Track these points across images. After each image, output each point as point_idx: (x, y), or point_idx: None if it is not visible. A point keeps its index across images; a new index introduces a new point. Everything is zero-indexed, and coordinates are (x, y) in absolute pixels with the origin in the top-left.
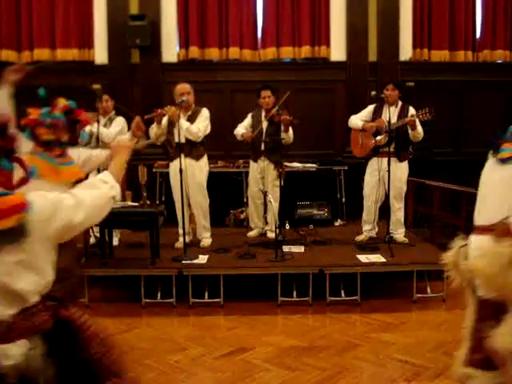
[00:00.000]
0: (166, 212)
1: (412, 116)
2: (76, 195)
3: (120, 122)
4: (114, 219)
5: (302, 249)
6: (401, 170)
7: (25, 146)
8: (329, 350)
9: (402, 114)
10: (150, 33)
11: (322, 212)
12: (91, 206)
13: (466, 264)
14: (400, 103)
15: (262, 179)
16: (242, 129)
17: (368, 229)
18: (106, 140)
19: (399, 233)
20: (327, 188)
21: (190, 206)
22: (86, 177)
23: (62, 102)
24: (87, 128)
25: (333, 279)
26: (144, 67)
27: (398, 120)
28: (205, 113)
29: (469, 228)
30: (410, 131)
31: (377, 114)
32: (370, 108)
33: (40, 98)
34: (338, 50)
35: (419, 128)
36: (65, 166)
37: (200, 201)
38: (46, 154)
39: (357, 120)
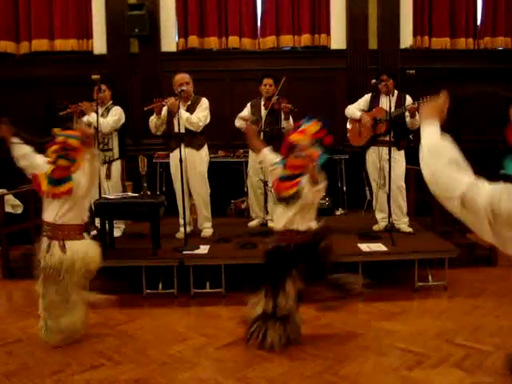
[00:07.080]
0: (167, 202)
1: (413, 103)
2: None
3: (117, 111)
4: (114, 210)
5: None
6: (401, 158)
7: None
8: (330, 339)
9: (399, 102)
10: (149, 22)
11: (323, 201)
12: None
13: None
14: (396, 92)
15: (262, 169)
16: (243, 121)
17: (382, 217)
18: (104, 130)
19: (403, 222)
20: (328, 177)
21: (190, 196)
22: None
23: None
24: (85, 118)
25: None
26: (143, 57)
27: (395, 109)
28: (204, 102)
29: None
30: (408, 119)
31: (374, 103)
32: (367, 97)
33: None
34: (338, 38)
35: (418, 116)
36: None
37: (201, 191)
38: None
39: (354, 110)
